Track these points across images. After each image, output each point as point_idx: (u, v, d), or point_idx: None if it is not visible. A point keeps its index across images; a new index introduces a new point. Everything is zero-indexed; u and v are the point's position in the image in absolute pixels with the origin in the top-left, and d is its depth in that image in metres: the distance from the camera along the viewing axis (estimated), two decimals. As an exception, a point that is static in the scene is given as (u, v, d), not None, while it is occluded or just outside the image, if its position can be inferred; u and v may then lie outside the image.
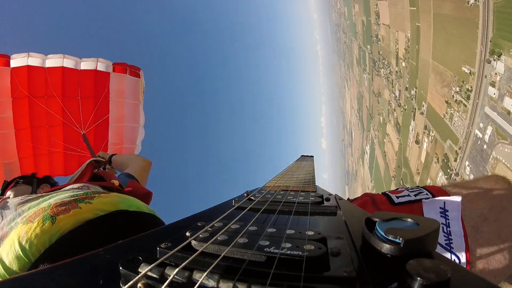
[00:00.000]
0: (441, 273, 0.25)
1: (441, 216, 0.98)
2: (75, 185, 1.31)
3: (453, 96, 5.30)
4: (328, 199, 0.61)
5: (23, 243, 0.83)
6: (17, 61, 3.33)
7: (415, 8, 5.96)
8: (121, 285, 0.29)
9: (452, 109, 5.35)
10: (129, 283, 0.27)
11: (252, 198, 0.63)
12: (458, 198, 0.98)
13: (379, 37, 9.03)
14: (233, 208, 0.54)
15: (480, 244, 0.93)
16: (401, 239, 0.30)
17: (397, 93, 8.21)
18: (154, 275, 0.28)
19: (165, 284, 0.26)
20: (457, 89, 5.18)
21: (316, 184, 0.84)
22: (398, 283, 0.27)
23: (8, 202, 1.13)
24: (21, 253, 0.82)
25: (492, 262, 0.92)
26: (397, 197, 1.09)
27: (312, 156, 1.64)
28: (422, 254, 0.29)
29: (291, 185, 0.80)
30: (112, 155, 2.42)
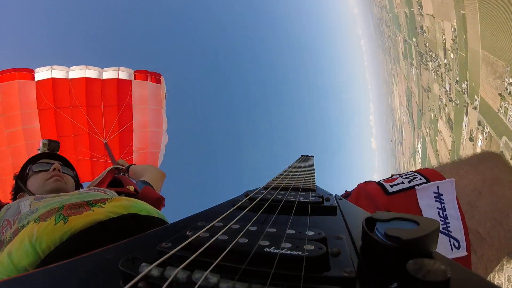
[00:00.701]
0: (441, 273, 0.25)
1: (435, 200, 0.97)
2: (91, 189, 1.36)
3: (506, 88, 4.98)
4: (328, 199, 0.61)
5: (33, 240, 0.85)
6: (41, 74, 3.49)
7: None
8: (121, 285, 0.30)
9: (506, 102, 5.03)
10: (130, 283, 0.27)
11: (252, 198, 0.62)
12: (451, 181, 0.97)
13: (424, 29, 8.66)
14: (233, 208, 0.54)
15: (477, 220, 0.91)
16: (401, 239, 0.30)
17: (447, 87, 7.84)
18: (155, 275, 0.28)
19: (166, 284, 0.26)
20: (510, 80, 4.88)
21: (316, 184, 0.83)
22: (398, 283, 0.28)
23: (24, 197, 1.18)
24: (30, 249, 0.83)
25: (492, 237, 0.90)
26: (391, 186, 1.07)
27: (312, 156, 1.65)
28: (422, 254, 0.29)
29: (291, 185, 0.79)
30: (131, 165, 2.54)
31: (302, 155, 1.65)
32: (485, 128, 6.06)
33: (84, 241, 0.89)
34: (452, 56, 7.35)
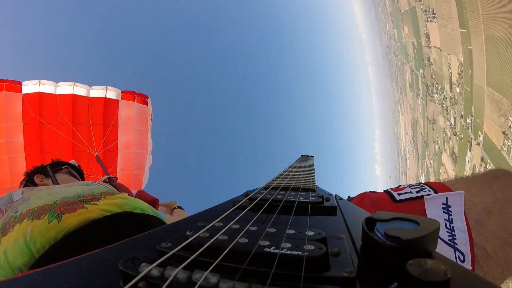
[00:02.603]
0: (441, 273, 0.25)
1: (443, 212, 0.96)
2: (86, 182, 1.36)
3: (510, 127, 4.93)
4: (328, 199, 0.61)
5: (28, 239, 0.85)
6: (28, 87, 3.49)
7: (465, 30, 5.66)
8: (121, 285, 0.29)
9: (509, 140, 4.97)
10: (130, 283, 0.27)
11: (252, 198, 0.62)
12: (460, 193, 0.96)
13: (431, 61, 8.69)
14: (233, 208, 0.55)
15: (485, 238, 0.90)
16: (401, 239, 0.30)
17: (452, 120, 7.81)
18: (155, 275, 0.28)
19: (166, 284, 0.26)
20: None
21: (316, 184, 0.83)
22: (398, 283, 0.28)
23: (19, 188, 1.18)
24: (25, 249, 0.83)
25: (500, 256, 0.88)
26: (399, 194, 1.07)
27: (312, 156, 1.65)
28: (422, 254, 0.29)
29: (291, 185, 0.79)
30: (178, 207, 2.45)
31: (302, 155, 1.66)
32: (488, 165, 6.03)
33: (78, 240, 0.89)
34: (457, 90, 7.37)
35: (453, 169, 8.66)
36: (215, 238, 0.36)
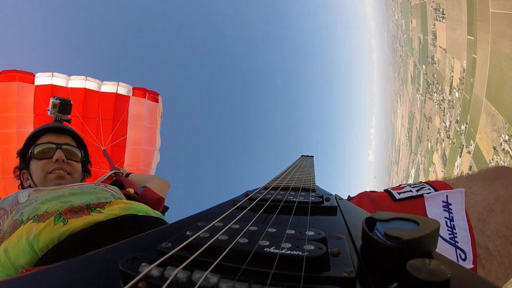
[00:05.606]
0: (441, 273, 0.25)
1: (444, 210, 0.95)
2: (92, 184, 1.35)
3: (501, 144, 4.92)
4: (328, 199, 0.61)
5: (31, 238, 0.85)
6: (41, 79, 3.52)
7: (473, 38, 5.63)
8: (121, 285, 0.29)
9: (498, 157, 4.94)
10: (130, 283, 0.27)
11: (252, 198, 0.62)
12: (461, 191, 0.95)
13: (434, 59, 8.68)
14: (233, 208, 0.54)
15: (487, 236, 0.89)
16: (401, 239, 0.30)
17: (447, 123, 7.82)
18: (155, 275, 0.28)
19: (166, 284, 0.26)
20: (506, 137, 4.80)
21: (316, 184, 0.83)
22: (398, 283, 0.27)
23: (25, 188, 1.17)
24: (28, 248, 0.84)
25: (502, 255, 0.87)
26: (399, 193, 1.06)
27: (312, 156, 1.65)
28: (422, 254, 0.29)
29: (291, 185, 0.79)
30: (130, 173, 2.40)
31: (302, 155, 1.67)
32: (476, 177, 6.00)
33: (82, 240, 0.89)
34: (456, 95, 7.36)
35: (442, 171, 8.67)
36: (215, 238, 0.36)
